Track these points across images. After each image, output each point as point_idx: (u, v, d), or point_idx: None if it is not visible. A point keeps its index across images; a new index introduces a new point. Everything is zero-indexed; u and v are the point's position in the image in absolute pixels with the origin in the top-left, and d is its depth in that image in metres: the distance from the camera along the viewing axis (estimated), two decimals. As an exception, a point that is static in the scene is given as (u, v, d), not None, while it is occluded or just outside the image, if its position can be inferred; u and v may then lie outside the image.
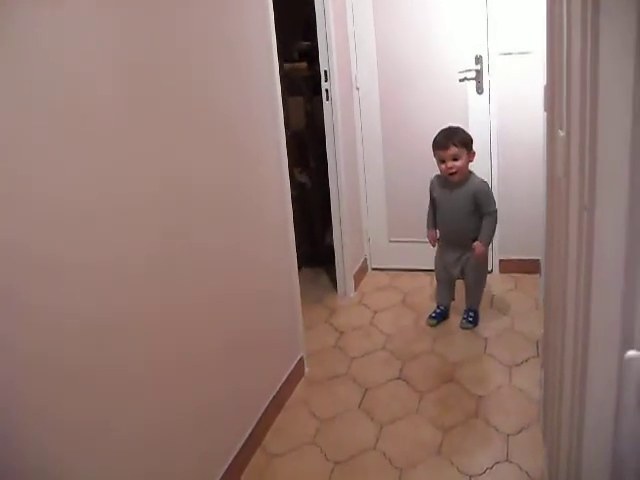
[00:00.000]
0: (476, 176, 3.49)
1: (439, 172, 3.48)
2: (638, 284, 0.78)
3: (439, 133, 3.43)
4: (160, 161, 1.96)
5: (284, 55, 3.56)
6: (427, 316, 3.72)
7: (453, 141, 3.35)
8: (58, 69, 1.53)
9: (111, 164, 1.72)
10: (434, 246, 3.66)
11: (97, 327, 1.65)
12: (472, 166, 3.44)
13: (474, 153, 3.43)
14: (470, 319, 3.61)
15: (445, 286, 3.73)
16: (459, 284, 3.74)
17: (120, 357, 1.76)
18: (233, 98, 2.49)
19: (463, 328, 3.59)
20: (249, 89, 2.66)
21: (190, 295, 2.14)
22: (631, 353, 0.72)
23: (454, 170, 3.37)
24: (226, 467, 2.37)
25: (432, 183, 3.59)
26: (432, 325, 3.66)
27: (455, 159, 3.36)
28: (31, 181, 1.45)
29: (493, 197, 3.50)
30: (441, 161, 3.41)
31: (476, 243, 3.47)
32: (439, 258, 3.68)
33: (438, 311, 3.72)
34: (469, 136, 3.42)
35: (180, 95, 2.09)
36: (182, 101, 2.10)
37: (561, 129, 1.66)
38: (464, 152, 3.36)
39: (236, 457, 2.44)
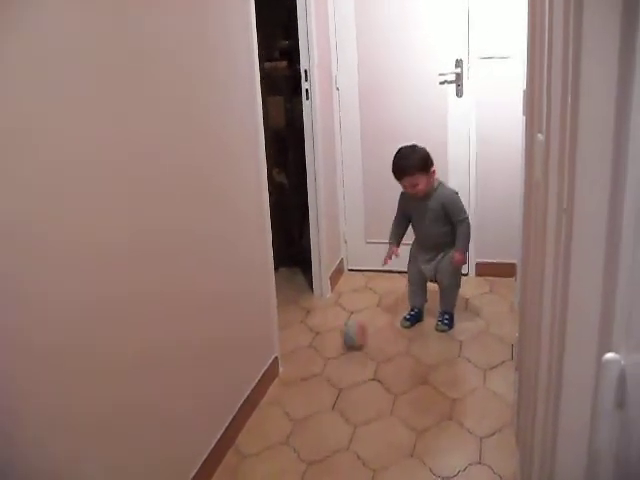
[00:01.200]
0: (445, 187, 3.53)
1: None
2: (617, 287, 0.78)
3: (395, 157, 3.44)
4: (136, 158, 1.94)
5: (265, 54, 3.55)
6: (401, 318, 3.72)
7: (408, 171, 3.38)
8: (44, 68, 1.52)
9: (86, 168, 1.69)
10: (386, 263, 3.65)
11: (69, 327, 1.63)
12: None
13: (434, 170, 3.45)
14: (446, 321, 3.62)
15: (418, 288, 3.74)
16: (433, 287, 3.74)
17: (94, 355, 1.73)
18: (212, 96, 2.47)
19: (438, 330, 3.60)
20: (229, 87, 2.64)
21: (164, 293, 2.12)
22: (609, 356, 0.71)
23: (415, 192, 3.43)
24: (198, 467, 2.35)
25: (401, 196, 3.63)
26: (406, 327, 3.67)
27: (414, 185, 3.40)
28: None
29: (462, 206, 3.53)
30: (402, 184, 3.46)
31: (454, 252, 3.49)
32: (413, 259, 3.70)
33: (412, 313, 3.73)
34: (425, 156, 3.42)
35: (159, 93, 2.06)
36: (161, 99, 2.08)
37: (540, 133, 1.67)
38: (422, 176, 3.39)
39: (208, 457, 2.42)
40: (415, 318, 3.72)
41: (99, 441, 1.78)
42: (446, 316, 3.65)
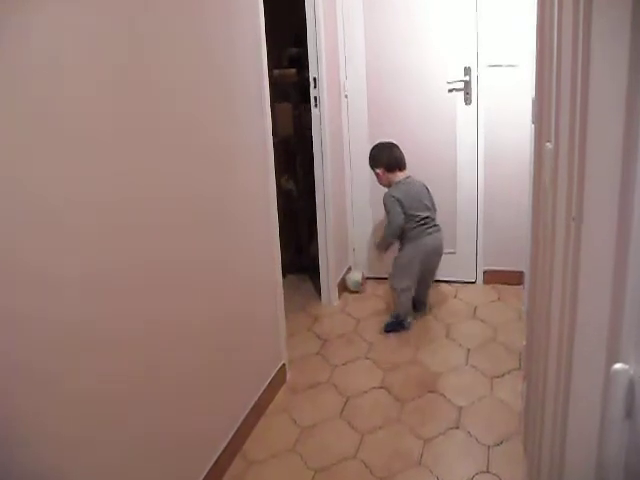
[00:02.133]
0: (394, 188, 3.71)
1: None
2: (625, 296, 0.77)
3: None
4: (145, 168, 1.94)
5: (274, 61, 3.55)
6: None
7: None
8: (44, 78, 1.52)
9: (94, 173, 1.70)
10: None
11: (79, 334, 1.64)
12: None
13: (380, 172, 3.75)
14: (387, 322, 3.78)
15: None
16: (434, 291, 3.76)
17: (102, 364, 1.74)
18: (221, 103, 2.48)
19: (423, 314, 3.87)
20: (237, 94, 2.65)
21: (174, 301, 2.12)
22: (618, 366, 0.71)
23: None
24: (205, 473, 2.34)
25: None
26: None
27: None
28: (23, 187, 1.44)
29: (388, 208, 3.72)
30: None
31: None
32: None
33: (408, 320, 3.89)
34: (370, 155, 3.80)
35: (167, 101, 2.07)
36: (169, 107, 2.08)
37: (549, 141, 1.67)
38: (374, 170, 3.76)
39: (215, 464, 2.42)
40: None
41: (104, 447, 1.78)
42: (389, 319, 3.79)
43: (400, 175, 3.70)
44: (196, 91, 2.27)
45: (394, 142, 3.75)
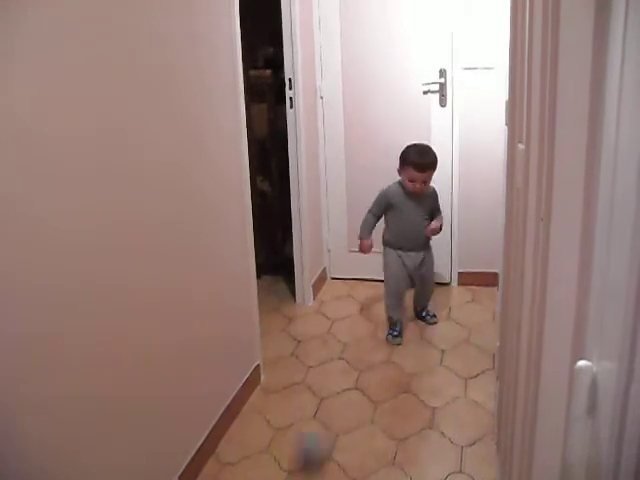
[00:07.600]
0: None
1: (400, 181, 3.55)
2: (589, 295, 0.79)
3: (415, 153, 3.47)
4: (118, 162, 1.93)
5: (250, 61, 3.54)
6: (388, 334, 3.64)
7: (430, 167, 3.47)
8: (27, 67, 1.50)
9: (68, 168, 1.69)
10: (366, 252, 3.68)
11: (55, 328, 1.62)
12: (434, 177, 3.50)
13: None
14: (434, 315, 3.82)
15: (398, 300, 3.67)
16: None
17: (75, 364, 1.73)
18: (196, 103, 2.47)
19: (432, 324, 3.78)
20: (212, 95, 2.64)
21: (145, 299, 2.11)
22: (581, 363, 0.72)
23: (421, 188, 3.49)
24: (177, 476, 2.33)
25: (391, 191, 3.58)
26: (399, 343, 3.59)
27: (425, 181, 3.48)
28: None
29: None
30: (411, 180, 3.46)
31: (433, 222, 3.61)
32: (399, 266, 3.63)
33: (398, 329, 3.64)
34: (435, 160, 3.53)
35: (141, 99, 2.06)
36: (142, 105, 2.07)
37: (521, 143, 1.68)
38: (432, 174, 3.52)
39: (188, 465, 2.41)
40: (402, 331, 3.64)
41: (73, 451, 1.77)
42: (429, 311, 3.83)
43: None
44: (170, 90, 2.26)
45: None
